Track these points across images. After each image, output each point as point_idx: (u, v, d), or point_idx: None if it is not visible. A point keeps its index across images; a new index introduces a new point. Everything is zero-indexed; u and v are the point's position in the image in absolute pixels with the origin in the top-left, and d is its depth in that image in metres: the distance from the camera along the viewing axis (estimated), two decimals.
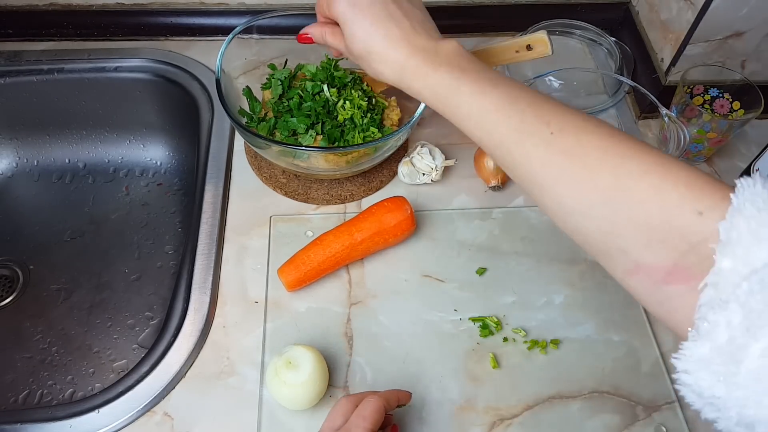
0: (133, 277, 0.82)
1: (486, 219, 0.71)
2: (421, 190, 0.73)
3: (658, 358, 0.61)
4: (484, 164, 0.72)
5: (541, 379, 0.60)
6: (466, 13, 0.89)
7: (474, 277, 0.66)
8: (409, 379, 0.59)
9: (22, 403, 0.72)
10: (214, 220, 0.69)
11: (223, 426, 0.56)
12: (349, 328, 0.63)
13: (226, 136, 0.77)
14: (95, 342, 0.77)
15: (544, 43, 0.56)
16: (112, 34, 0.87)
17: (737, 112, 0.73)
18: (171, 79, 0.83)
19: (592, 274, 0.67)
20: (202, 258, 0.66)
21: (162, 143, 0.91)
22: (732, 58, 0.74)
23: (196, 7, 0.86)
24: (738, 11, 0.69)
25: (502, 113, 0.42)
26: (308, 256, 0.63)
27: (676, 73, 0.77)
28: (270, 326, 0.62)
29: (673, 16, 0.75)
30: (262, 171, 0.74)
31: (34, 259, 0.84)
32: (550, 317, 0.64)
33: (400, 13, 0.48)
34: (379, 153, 0.67)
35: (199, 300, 0.63)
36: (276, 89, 0.70)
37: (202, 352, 0.60)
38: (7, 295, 0.81)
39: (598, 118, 0.40)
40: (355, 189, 0.72)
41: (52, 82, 0.83)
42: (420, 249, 0.68)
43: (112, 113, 0.87)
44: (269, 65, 0.74)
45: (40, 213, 0.88)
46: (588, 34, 0.88)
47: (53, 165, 0.91)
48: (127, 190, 0.90)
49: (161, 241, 0.86)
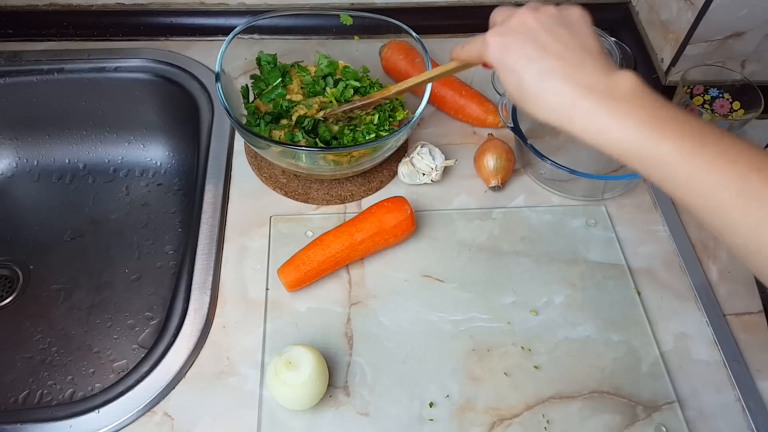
0: (133, 277, 0.82)
1: (486, 219, 0.71)
2: (421, 190, 0.73)
3: (658, 358, 0.61)
4: (484, 164, 0.72)
5: (541, 379, 0.60)
6: (466, 13, 0.89)
7: (474, 277, 0.66)
8: (409, 379, 0.59)
9: (22, 403, 0.72)
10: (214, 220, 0.69)
11: (223, 426, 0.56)
12: (349, 328, 0.62)
13: (226, 136, 0.77)
14: (95, 342, 0.77)
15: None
16: (112, 34, 0.87)
17: (737, 112, 0.73)
18: (171, 79, 0.83)
19: (592, 274, 0.67)
20: (202, 258, 0.66)
21: (162, 143, 0.91)
22: (732, 58, 0.74)
23: (196, 7, 0.86)
24: (738, 11, 0.69)
25: (719, 176, 0.36)
26: (308, 256, 0.63)
27: (676, 73, 0.77)
28: (270, 326, 0.62)
29: (673, 16, 0.76)
30: (262, 171, 0.74)
31: (34, 259, 0.84)
32: (550, 317, 0.64)
33: (558, 45, 0.41)
34: (379, 153, 0.67)
35: (199, 300, 0.63)
36: (274, 75, 0.71)
37: (202, 352, 0.60)
38: (7, 295, 0.81)
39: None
40: (355, 189, 0.72)
41: (52, 82, 0.83)
42: (420, 249, 0.68)
43: (112, 113, 0.87)
44: (259, 54, 0.74)
45: (40, 213, 0.88)
46: None
47: (53, 165, 0.91)
48: (127, 190, 0.90)
49: (161, 241, 0.86)
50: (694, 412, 0.58)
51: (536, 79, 0.41)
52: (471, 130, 0.79)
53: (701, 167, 0.36)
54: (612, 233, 0.71)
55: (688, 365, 0.61)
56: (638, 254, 0.69)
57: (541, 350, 0.62)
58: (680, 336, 0.63)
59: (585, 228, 0.71)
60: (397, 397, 0.58)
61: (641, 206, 0.73)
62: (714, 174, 0.36)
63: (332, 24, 0.73)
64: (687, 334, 0.64)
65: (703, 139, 0.37)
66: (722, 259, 0.69)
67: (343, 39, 0.75)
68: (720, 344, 0.63)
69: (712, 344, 0.63)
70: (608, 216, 0.72)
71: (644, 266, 0.69)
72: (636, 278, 0.67)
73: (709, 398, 0.59)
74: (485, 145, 0.73)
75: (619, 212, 0.73)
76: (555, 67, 0.40)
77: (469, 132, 0.79)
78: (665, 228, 0.71)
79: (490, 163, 0.71)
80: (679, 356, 0.62)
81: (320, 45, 0.76)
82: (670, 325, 0.64)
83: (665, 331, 0.63)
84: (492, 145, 0.72)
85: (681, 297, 0.66)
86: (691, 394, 0.60)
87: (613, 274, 0.67)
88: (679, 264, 0.69)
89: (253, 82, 0.73)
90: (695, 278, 0.67)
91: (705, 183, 0.36)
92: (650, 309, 0.65)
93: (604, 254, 0.69)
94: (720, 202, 0.36)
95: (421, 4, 0.88)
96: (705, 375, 0.61)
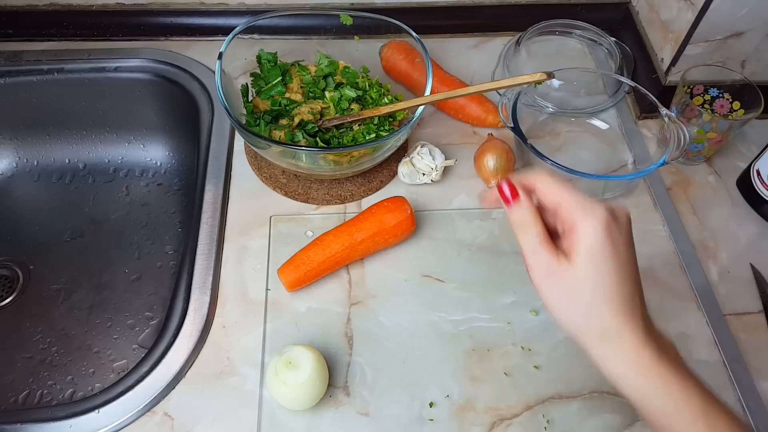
0: (133, 277, 0.82)
1: (486, 219, 0.71)
2: (421, 190, 0.73)
3: None
4: (484, 164, 0.72)
5: (541, 379, 0.60)
6: (466, 13, 0.89)
7: (474, 277, 0.66)
8: (409, 379, 0.59)
9: (22, 403, 0.72)
10: (214, 220, 0.69)
11: (223, 426, 0.56)
12: (349, 328, 0.63)
13: (226, 136, 0.77)
14: (95, 342, 0.77)
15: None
16: (112, 34, 0.87)
17: (737, 112, 0.73)
18: (171, 79, 0.83)
19: None
20: (202, 258, 0.66)
21: (162, 143, 0.91)
22: (732, 58, 0.74)
23: (196, 7, 0.86)
24: (738, 11, 0.69)
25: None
26: (308, 256, 0.63)
27: (676, 73, 0.77)
28: (270, 326, 0.62)
29: (673, 16, 0.76)
30: (262, 171, 0.74)
31: (34, 259, 0.84)
32: (550, 317, 0.63)
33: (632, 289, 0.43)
34: (379, 153, 0.67)
35: (199, 300, 0.63)
36: (273, 73, 0.72)
37: (202, 352, 0.60)
38: (7, 295, 0.81)
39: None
40: (355, 189, 0.72)
41: (52, 82, 0.83)
42: (420, 249, 0.68)
43: (112, 113, 0.87)
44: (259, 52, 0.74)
45: (40, 213, 0.88)
46: (588, 34, 0.88)
47: (53, 165, 0.91)
48: (127, 190, 0.90)
49: (161, 241, 0.86)
50: None
51: (582, 321, 0.42)
52: (471, 130, 0.79)
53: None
54: None
55: (688, 365, 0.61)
56: (638, 254, 0.68)
57: (541, 350, 0.62)
58: (680, 336, 0.63)
59: None
60: (397, 397, 0.58)
61: (641, 206, 0.73)
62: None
63: (332, 24, 0.73)
64: (687, 334, 0.64)
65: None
66: (722, 259, 0.69)
67: (343, 39, 0.75)
68: (720, 344, 0.63)
69: (712, 344, 0.63)
70: None
71: (644, 266, 0.68)
72: None
73: None
74: (485, 145, 0.73)
75: None
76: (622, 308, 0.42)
77: (469, 132, 0.79)
78: (665, 228, 0.71)
79: (490, 163, 0.71)
80: None
81: (320, 45, 0.76)
82: (670, 325, 0.64)
83: (665, 332, 0.63)
84: (492, 145, 0.72)
85: (681, 297, 0.66)
86: None
87: None
88: (679, 264, 0.69)
89: (253, 80, 0.73)
90: (695, 278, 0.67)
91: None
92: (650, 309, 0.64)
93: None
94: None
95: (421, 4, 0.88)
96: (705, 375, 0.60)
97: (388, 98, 0.73)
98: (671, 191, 0.75)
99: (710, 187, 0.76)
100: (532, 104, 0.79)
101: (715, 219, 0.73)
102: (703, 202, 0.74)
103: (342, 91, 0.72)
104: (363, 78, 0.74)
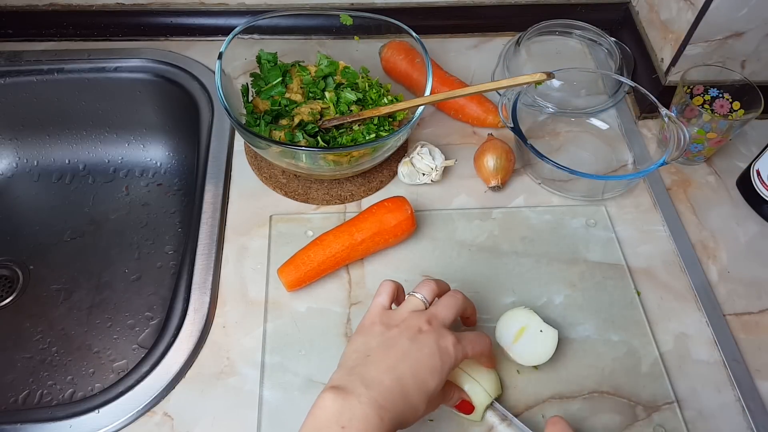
0: (133, 277, 0.82)
1: (486, 219, 0.71)
2: (421, 190, 0.73)
3: (657, 358, 0.61)
4: (484, 164, 0.72)
5: (541, 379, 0.60)
6: (466, 13, 0.89)
7: (474, 277, 0.66)
8: None
9: (22, 403, 0.72)
10: (214, 220, 0.69)
11: (223, 426, 0.56)
12: (349, 328, 0.62)
13: (226, 136, 0.77)
14: (95, 342, 0.77)
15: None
16: (112, 34, 0.87)
17: (737, 113, 0.73)
18: (171, 79, 0.83)
19: (592, 274, 0.67)
20: (202, 258, 0.66)
21: (162, 143, 0.91)
22: (732, 58, 0.74)
23: (196, 7, 0.86)
24: (738, 11, 0.69)
25: None
26: (308, 256, 0.63)
27: (676, 73, 0.77)
28: (270, 326, 0.62)
29: (673, 16, 0.76)
30: (262, 171, 0.74)
31: (34, 259, 0.84)
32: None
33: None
34: (379, 153, 0.67)
35: (199, 300, 0.63)
36: (273, 73, 0.72)
37: (202, 352, 0.60)
38: (7, 295, 0.81)
39: None
40: (355, 189, 0.72)
41: (52, 82, 0.83)
42: (420, 249, 0.68)
43: (112, 113, 0.87)
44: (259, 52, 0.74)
45: (40, 213, 0.88)
46: (588, 34, 0.88)
47: (53, 165, 0.91)
48: (127, 190, 0.90)
49: (161, 241, 0.86)
50: (694, 412, 0.59)
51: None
52: (471, 130, 0.79)
53: None
54: (612, 233, 0.71)
55: (688, 365, 0.61)
56: (638, 254, 0.69)
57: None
58: (680, 336, 0.63)
59: (585, 228, 0.71)
60: None
61: (641, 206, 0.73)
62: None
63: (332, 24, 0.73)
64: (687, 334, 0.64)
65: None
66: (722, 259, 0.69)
67: (343, 39, 0.75)
68: (720, 344, 0.63)
69: (711, 344, 0.63)
70: (608, 216, 0.72)
71: (644, 266, 0.69)
72: (636, 278, 0.67)
73: (708, 398, 0.59)
74: (485, 145, 0.73)
75: (619, 212, 0.73)
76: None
77: (469, 132, 0.79)
78: (665, 228, 0.71)
79: (490, 163, 0.71)
80: (678, 356, 0.62)
81: (320, 45, 0.76)
82: (670, 325, 0.64)
83: (665, 331, 0.64)
84: (492, 145, 0.72)
85: (681, 297, 0.66)
86: (691, 395, 0.60)
87: (612, 274, 0.67)
88: (678, 264, 0.69)
89: (253, 80, 0.73)
90: (695, 278, 0.67)
91: None
92: (650, 309, 0.65)
93: (603, 254, 0.69)
94: None
95: (421, 4, 0.88)
96: (705, 375, 0.61)
97: (388, 98, 0.73)
98: (671, 191, 0.75)
99: (710, 187, 0.76)
100: (532, 104, 0.79)
101: (715, 219, 0.73)
102: (703, 202, 0.74)
103: (342, 93, 0.72)
104: (363, 78, 0.74)
